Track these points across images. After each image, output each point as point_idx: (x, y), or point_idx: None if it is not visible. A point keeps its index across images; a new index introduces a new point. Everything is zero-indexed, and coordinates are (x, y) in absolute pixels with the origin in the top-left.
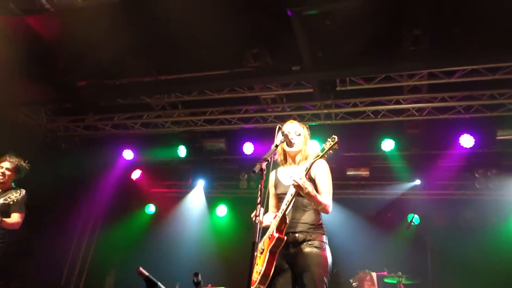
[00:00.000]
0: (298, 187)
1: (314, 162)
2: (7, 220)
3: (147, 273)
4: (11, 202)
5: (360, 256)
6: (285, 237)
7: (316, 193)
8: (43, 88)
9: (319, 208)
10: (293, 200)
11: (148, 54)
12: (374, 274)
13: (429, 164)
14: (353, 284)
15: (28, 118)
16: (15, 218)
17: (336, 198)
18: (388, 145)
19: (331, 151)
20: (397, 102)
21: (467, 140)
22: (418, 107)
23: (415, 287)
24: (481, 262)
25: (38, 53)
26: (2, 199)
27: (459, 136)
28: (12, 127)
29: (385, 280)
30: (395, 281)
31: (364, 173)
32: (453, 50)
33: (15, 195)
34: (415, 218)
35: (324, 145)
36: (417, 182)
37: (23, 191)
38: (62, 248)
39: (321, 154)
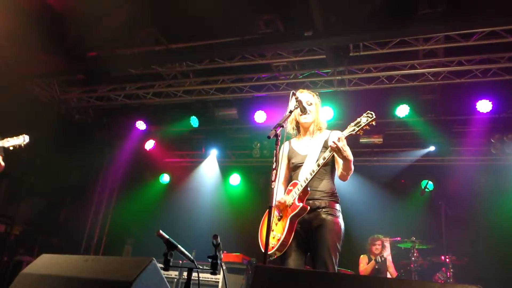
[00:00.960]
0: (336, 149)
1: (348, 135)
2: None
3: (167, 236)
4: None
5: (374, 222)
6: (308, 207)
7: (349, 152)
8: (55, 60)
9: (346, 173)
10: (319, 170)
11: (158, 23)
12: (387, 239)
13: (444, 130)
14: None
15: (42, 90)
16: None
17: None
18: (402, 111)
19: (368, 127)
20: (412, 66)
21: (484, 105)
22: (434, 71)
23: (429, 252)
24: (496, 227)
25: (49, 24)
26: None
27: (476, 101)
28: (27, 98)
29: (399, 245)
30: (409, 246)
31: (378, 140)
32: (471, 11)
33: None
34: (429, 184)
35: (359, 119)
36: (432, 148)
37: None
38: (80, 218)
39: (357, 129)
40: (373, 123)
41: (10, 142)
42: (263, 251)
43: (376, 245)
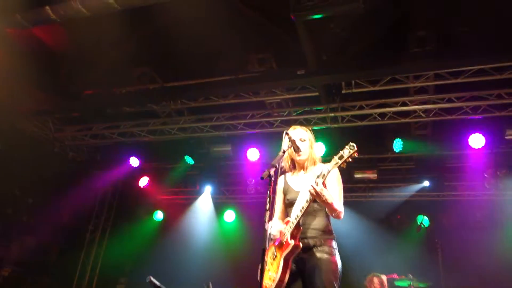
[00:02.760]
0: (315, 194)
1: (332, 169)
2: None
3: (158, 283)
4: None
5: (370, 259)
6: (300, 244)
7: (332, 197)
8: (50, 98)
9: (332, 215)
10: (309, 206)
11: (153, 62)
12: (384, 277)
13: (437, 165)
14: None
15: (36, 128)
16: None
17: (344, 201)
18: (396, 146)
19: (350, 159)
20: (404, 103)
21: (476, 140)
22: (425, 108)
23: None
24: (493, 263)
25: (45, 63)
26: None
27: (468, 137)
28: (21, 136)
29: (396, 284)
30: (406, 284)
31: (372, 175)
32: (459, 50)
33: None
34: (424, 220)
35: (342, 152)
36: (426, 183)
37: None
38: (71, 258)
39: (340, 162)
40: (356, 154)
41: None
42: None
43: (375, 283)
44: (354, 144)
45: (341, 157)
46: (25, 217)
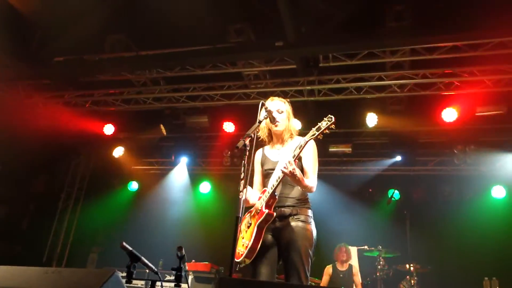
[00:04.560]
0: (287, 173)
1: (306, 143)
2: None
3: (130, 248)
4: None
5: (342, 230)
6: (274, 213)
7: (303, 177)
8: (19, 64)
9: (303, 190)
10: (284, 177)
11: (128, 29)
12: (354, 248)
13: (410, 141)
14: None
15: (5, 93)
16: None
17: (318, 174)
18: (370, 121)
19: (327, 131)
20: (380, 78)
21: (449, 114)
22: (400, 83)
23: (394, 260)
24: (459, 236)
25: (15, 28)
26: None
27: (439, 112)
28: None
29: (365, 254)
30: (375, 254)
31: (346, 149)
32: (435, 26)
33: None
34: (395, 194)
35: (319, 124)
36: (398, 158)
37: None
38: (43, 226)
39: (316, 133)
40: (333, 126)
41: None
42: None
43: (343, 252)
44: (332, 116)
45: (318, 129)
46: None
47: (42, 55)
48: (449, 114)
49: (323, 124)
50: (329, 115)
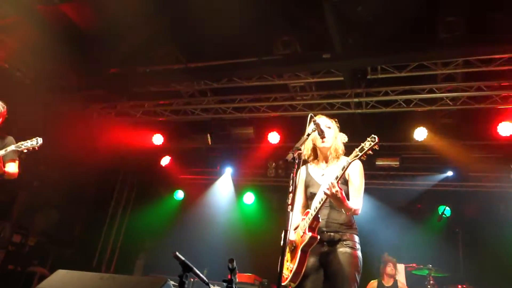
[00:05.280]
0: (330, 195)
1: (350, 164)
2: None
3: (182, 258)
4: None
5: (389, 247)
6: (318, 236)
7: (346, 201)
8: (77, 75)
9: (347, 212)
10: (327, 200)
11: (178, 41)
12: (401, 266)
13: (462, 155)
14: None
15: (64, 104)
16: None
17: (364, 188)
18: (420, 134)
19: (370, 152)
20: (430, 91)
21: (505, 128)
22: (453, 96)
23: (446, 280)
24: None
25: (73, 40)
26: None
27: (495, 126)
28: (48, 112)
29: (414, 272)
30: (424, 273)
31: (394, 163)
32: (491, 37)
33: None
34: (446, 210)
35: (363, 144)
36: (449, 173)
37: (12, 138)
38: (93, 232)
39: (360, 154)
40: (376, 147)
41: (24, 145)
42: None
43: (389, 265)
44: (375, 136)
45: (361, 149)
46: (50, 190)
47: (98, 67)
48: (506, 128)
49: (367, 144)
50: (372, 135)
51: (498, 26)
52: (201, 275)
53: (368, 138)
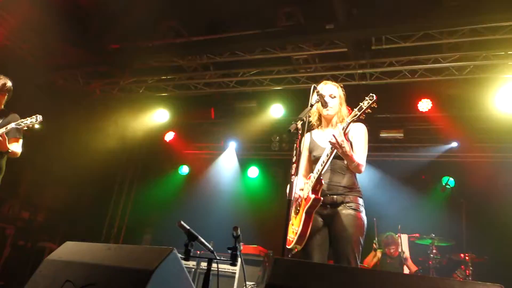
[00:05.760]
0: (335, 144)
1: (351, 121)
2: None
3: (187, 227)
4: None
5: (393, 217)
6: (321, 198)
7: (351, 151)
8: (78, 52)
9: (351, 166)
10: (329, 161)
11: (179, 15)
12: (405, 236)
13: (467, 126)
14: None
15: (66, 81)
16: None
17: (369, 160)
18: (424, 105)
19: (369, 110)
20: (436, 60)
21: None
22: (459, 66)
23: (448, 249)
24: None
25: (73, 17)
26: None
27: (502, 96)
28: (51, 90)
29: (417, 242)
30: (428, 243)
31: (398, 134)
32: (498, 4)
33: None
34: (450, 181)
35: (361, 103)
36: (454, 144)
37: (17, 115)
38: (100, 208)
39: (358, 113)
40: (375, 105)
41: (24, 123)
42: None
43: (390, 243)
44: (373, 95)
45: (360, 108)
46: (56, 167)
47: (99, 43)
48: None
49: (365, 103)
50: (371, 94)
51: None
52: (206, 243)
53: (366, 97)
